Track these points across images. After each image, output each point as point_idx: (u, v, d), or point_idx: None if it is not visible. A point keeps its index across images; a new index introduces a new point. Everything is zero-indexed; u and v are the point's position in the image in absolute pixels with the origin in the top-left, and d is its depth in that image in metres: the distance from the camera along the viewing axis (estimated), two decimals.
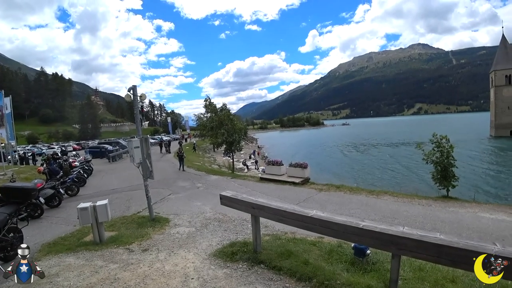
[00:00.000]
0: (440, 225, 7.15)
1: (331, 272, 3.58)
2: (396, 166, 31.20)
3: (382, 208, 8.59)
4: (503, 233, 6.68)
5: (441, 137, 10.94)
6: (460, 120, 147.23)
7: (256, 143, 70.04)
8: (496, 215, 8.07)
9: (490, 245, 2.17)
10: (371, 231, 2.72)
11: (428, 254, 2.49)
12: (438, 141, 10.94)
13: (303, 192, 11.06)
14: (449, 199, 10.19)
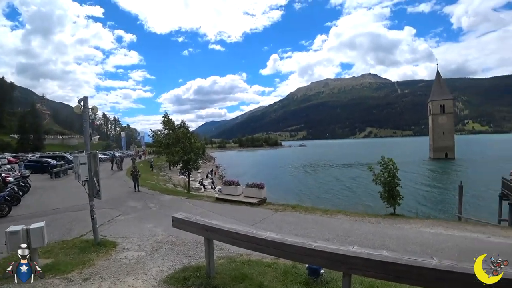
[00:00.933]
0: (389, 241, 7.54)
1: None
2: (349, 186, 32.87)
3: (336, 227, 8.86)
4: (442, 246, 7.28)
5: (388, 160, 11.89)
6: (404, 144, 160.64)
7: (214, 162, 69.17)
8: (436, 229, 8.82)
9: (428, 259, 2.33)
10: (322, 252, 2.76)
11: (376, 271, 2.58)
12: (386, 163, 11.86)
13: (260, 212, 11.02)
14: (396, 216, 10.89)
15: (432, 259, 2.31)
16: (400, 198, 11.71)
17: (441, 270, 2.23)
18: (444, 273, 2.21)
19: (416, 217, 11.02)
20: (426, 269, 2.26)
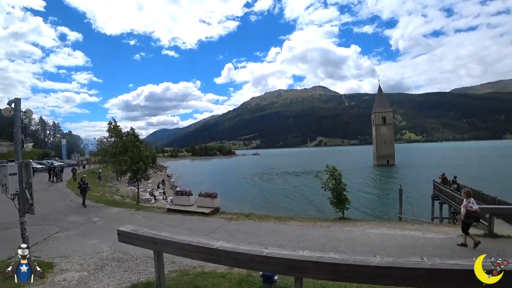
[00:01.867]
0: (339, 244, 7.90)
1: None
2: (301, 193, 34.02)
3: (288, 233, 9.03)
4: (386, 244, 7.86)
5: (332, 168, 12.71)
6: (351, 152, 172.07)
7: (166, 172, 66.56)
8: (380, 230, 9.53)
9: (372, 258, 2.49)
10: (274, 258, 2.78)
11: (326, 273, 2.68)
12: (331, 171, 12.62)
13: (213, 222, 10.80)
14: (345, 220, 11.53)
15: (375, 257, 2.49)
16: (347, 203, 12.49)
17: (383, 267, 2.42)
18: (385, 269, 2.41)
19: (362, 220, 11.76)
20: (370, 267, 2.43)
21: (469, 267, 2.33)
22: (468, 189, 7.55)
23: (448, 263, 2.35)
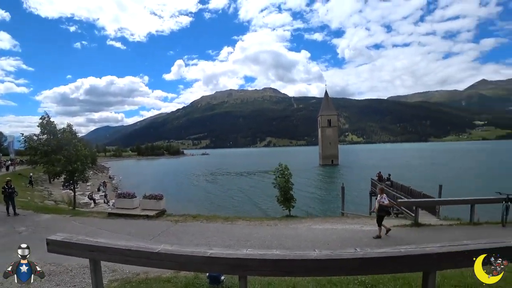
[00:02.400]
0: (285, 241, 8.18)
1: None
2: (249, 193, 34.36)
3: (236, 233, 9.08)
4: (329, 239, 8.39)
5: (284, 167, 13.14)
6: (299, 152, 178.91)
7: (108, 173, 62.08)
8: (324, 225, 10.15)
9: (311, 252, 2.65)
10: (218, 258, 2.78)
11: (268, 269, 2.76)
12: (282, 170, 13.05)
13: (158, 225, 10.36)
14: (291, 217, 12.02)
15: (314, 251, 2.64)
16: (294, 201, 13.05)
17: (321, 260, 2.58)
18: (323, 262, 2.59)
19: (307, 217, 12.39)
20: (310, 261, 2.57)
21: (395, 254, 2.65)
22: (382, 186, 8.64)
23: (378, 252, 2.62)
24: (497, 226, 9.48)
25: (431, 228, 9.54)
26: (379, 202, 8.39)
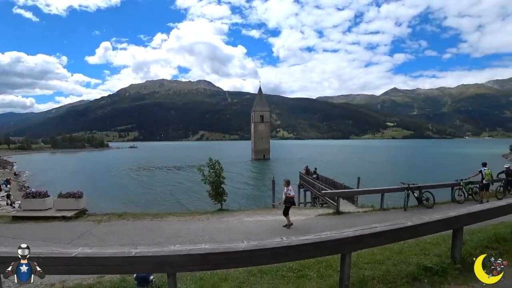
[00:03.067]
0: (217, 235, 8.15)
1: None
2: (181, 188, 33.43)
3: (166, 229, 8.70)
4: (259, 230, 8.65)
5: (215, 161, 13.06)
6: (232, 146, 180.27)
7: (12, 169, 53.43)
8: (255, 217, 10.45)
9: (240, 243, 2.69)
10: (144, 257, 2.62)
11: (197, 264, 2.73)
12: (213, 164, 12.95)
13: (78, 227, 9.22)
14: (223, 211, 12.05)
15: (243, 242, 2.68)
16: (225, 195, 13.11)
17: (249, 250, 2.66)
18: (251, 252, 2.66)
19: (239, 210, 12.57)
20: (237, 252, 2.61)
21: (317, 240, 2.87)
22: (288, 179, 9.12)
23: (301, 239, 2.81)
24: (401, 211, 11.07)
25: (350, 215, 10.64)
26: (285, 194, 8.86)
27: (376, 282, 3.50)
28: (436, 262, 3.94)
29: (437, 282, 3.57)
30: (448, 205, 11.64)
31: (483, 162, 12.37)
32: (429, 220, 3.81)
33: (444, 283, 3.56)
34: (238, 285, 3.57)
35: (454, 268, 3.80)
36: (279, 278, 3.78)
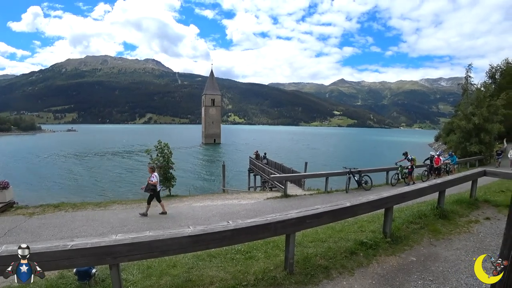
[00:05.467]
0: (165, 221, 7.98)
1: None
2: (126, 174, 31.69)
3: (111, 219, 8.22)
4: (209, 214, 8.67)
5: (164, 145, 12.57)
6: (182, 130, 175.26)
7: None
8: (204, 202, 10.41)
9: (185, 229, 2.66)
10: (82, 249, 2.43)
11: (141, 253, 2.63)
12: (161, 148, 12.47)
13: (5, 222, 8.11)
14: (172, 196, 11.79)
15: (189, 228, 2.65)
16: (174, 180, 12.79)
17: (195, 235, 2.66)
18: (197, 237, 2.66)
19: (189, 195, 12.36)
20: (184, 238, 2.58)
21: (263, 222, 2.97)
22: (153, 165, 8.97)
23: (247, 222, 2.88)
24: (343, 193, 11.96)
25: (297, 198, 11.19)
26: (148, 180, 8.55)
27: (318, 258, 3.78)
28: (371, 238, 4.42)
29: (371, 254, 4.02)
30: (383, 187, 12.92)
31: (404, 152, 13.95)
32: (365, 200, 4.21)
33: (376, 255, 4.03)
34: (187, 271, 3.56)
35: (385, 241, 4.33)
36: (228, 261, 3.87)
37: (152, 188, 8.46)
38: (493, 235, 4.90)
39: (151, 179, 8.47)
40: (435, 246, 4.47)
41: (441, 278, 3.52)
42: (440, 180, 6.50)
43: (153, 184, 8.46)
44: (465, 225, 5.34)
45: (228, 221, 2.90)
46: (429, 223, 5.25)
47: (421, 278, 3.52)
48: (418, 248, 4.37)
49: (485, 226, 5.38)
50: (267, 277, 3.33)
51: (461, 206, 6.28)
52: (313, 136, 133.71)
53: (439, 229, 5.05)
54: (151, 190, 8.48)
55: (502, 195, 7.42)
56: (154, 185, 8.48)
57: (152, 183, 8.45)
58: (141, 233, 2.59)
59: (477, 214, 5.98)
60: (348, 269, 3.66)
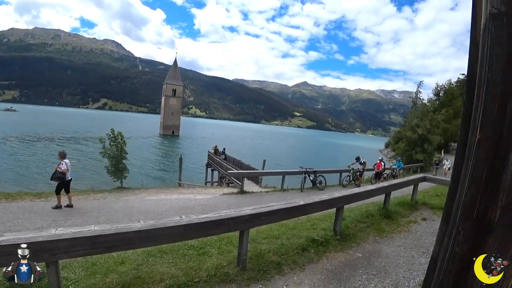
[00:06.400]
0: (114, 215, 7.49)
1: None
2: (73, 162, 28.67)
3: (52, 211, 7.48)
4: (162, 209, 8.33)
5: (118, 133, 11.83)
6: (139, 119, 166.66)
7: None
8: (158, 196, 10.03)
9: (135, 223, 2.51)
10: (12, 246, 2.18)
11: (84, 249, 2.43)
12: (114, 136, 11.72)
13: None
14: (123, 189, 11.16)
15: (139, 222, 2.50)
16: (127, 171, 12.12)
17: (144, 230, 2.52)
18: (147, 232, 2.52)
19: (142, 188, 11.82)
20: (132, 233, 2.43)
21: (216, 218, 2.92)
22: (62, 151, 8.09)
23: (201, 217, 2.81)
24: (298, 191, 12.28)
25: (254, 194, 11.25)
26: (57, 167, 7.76)
27: (271, 255, 3.84)
28: (322, 235, 4.62)
29: (321, 251, 4.21)
30: (336, 188, 13.54)
31: (357, 156, 14.89)
32: (318, 200, 4.39)
33: (326, 251, 4.23)
34: (135, 268, 3.38)
35: (334, 239, 4.57)
36: (180, 257, 3.77)
37: (59, 176, 7.59)
38: (428, 234, 5.47)
39: (60, 167, 7.62)
40: (379, 243, 4.82)
41: (382, 272, 3.81)
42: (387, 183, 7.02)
43: (62, 172, 7.62)
44: (406, 225, 5.88)
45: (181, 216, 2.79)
46: (375, 222, 5.64)
47: (366, 272, 3.76)
48: (364, 245, 4.67)
49: (422, 226, 5.99)
50: (219, 273, 3.30)
51: (403, 208, 6.87)
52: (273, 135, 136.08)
53: (384, 228, 5.46)
54: (58, 179, 7.61)
55: (437, 199, 8.26)
56: (64, 173, 7.64)
57: (60, 171, 7.60)
58: (85, 227, 2.39)
59: (416, 215, 6.61)
60: (299, 265, 3.77)
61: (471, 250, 0.79)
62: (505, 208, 0.72)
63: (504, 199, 0.72)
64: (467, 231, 0.78)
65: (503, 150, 0.71)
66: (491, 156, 0.73)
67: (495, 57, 0.72)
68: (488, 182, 0.73)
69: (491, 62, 0.73)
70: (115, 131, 11.93)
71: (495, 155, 0.72)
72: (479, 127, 0.74)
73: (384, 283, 3.54)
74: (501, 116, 0.71)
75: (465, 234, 0.79)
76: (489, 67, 0.73)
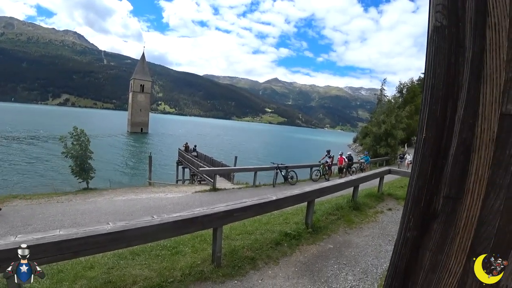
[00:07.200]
0: (80, 218, 7.16)
1: None
2: (31, 164, 26.83)
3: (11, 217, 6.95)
4: (132, 209, 8.09)
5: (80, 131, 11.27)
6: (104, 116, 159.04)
7: None
8: (127, 196, 9.72)
9: (104, 225, 2.43)
10: None
11: (50, 255, 2.31)
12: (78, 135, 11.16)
13: None
14: (90, 190, 10.69)
15: (108, 224, 2.43)
16: (93, 172, 11.60)
17: (115, 232, 2.45)
18: (118, 234, 2.45)
19: (110, 188, 11.38)
20: (101, 235, 2.36)
21: (189, 216, 2.93)
22: None
23: (174, 216, 2.79)
24: (270, 187, 12.47)
25: (226, 191, 11.25)
26: None
27: (245, 250, 3.91)
28: (294, 229, 4.77)
29: (294, 244, 4.36)
30: (307, 182, 13.89)
31: (327, 150, 15.36)
32: (290, 194, 4.52)
33: (299, 245, 4.39)
34: (106, 272, 3.27)
35: (307, 232, 4.74)
36: (153, 258, 3.71)
37: None
38: (393, 223, 5.86)
39: None
40: (349, 234, 5.08)
41: (353, 261, 4.04)
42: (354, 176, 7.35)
43: None
44: (373, 215, 6.23)
45: (153, 215, 2.75)
46: (344, 214, 5.91)
47: (337, 262, 3.96)
48: (335, 236, 4.89)
49: (388, 215, 6.37)
50: (194, 272, 3.30)
51: (371, 199, 7.25)
52: (244, 132, 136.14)
53: (353, 219, 5.75)
54: None
55: (401, 190, 8.80)
56: None
57: None
58: (48, 233, 2.27)
59: (382, 206, 7.01)
60: (273, 259, 3.87)
61: (420, 235, 0.90)
62: (446, 198, 0.84)
63: (445, 189, 0.84)
64: (416, 219, 0.90)
65: (444, 147, 0.84)
66: (434, 152, 0.86)
67: (438, 65, 0.85)
68: (433, 175, 0.86)
69: (434, 69, 0.85)
70: (77, 129, 11.34)
71: (438, 151, 0.85)
72: (425, 126, 0.87)
73: (355, 271, 3.76)
74: (442, 118, 0.84)
75: (414, 221, 0.91)
76: (433, 74, 0.86)
